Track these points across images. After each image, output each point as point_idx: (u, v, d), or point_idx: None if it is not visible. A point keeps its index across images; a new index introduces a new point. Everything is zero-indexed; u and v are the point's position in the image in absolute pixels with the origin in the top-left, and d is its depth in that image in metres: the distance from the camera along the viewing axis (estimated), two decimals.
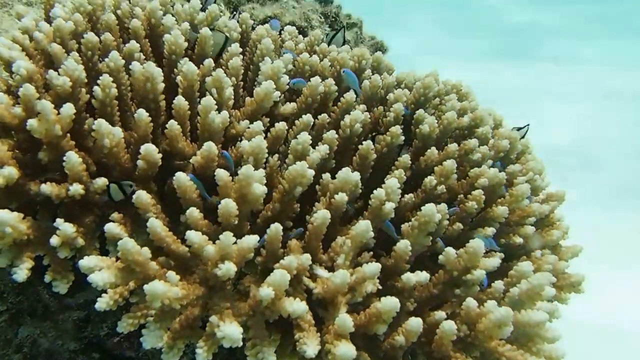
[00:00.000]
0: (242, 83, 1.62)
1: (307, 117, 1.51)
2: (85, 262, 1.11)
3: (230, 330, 1.04)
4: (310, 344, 1.11)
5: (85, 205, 1.28)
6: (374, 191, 1.32)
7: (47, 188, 1.21)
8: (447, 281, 1.35)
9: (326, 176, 1.40)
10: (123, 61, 1.40)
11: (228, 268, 1.06)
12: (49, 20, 1.58)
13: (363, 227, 1.24)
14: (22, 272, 1.16)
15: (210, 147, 1.27)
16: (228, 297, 1.15)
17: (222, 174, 1.21)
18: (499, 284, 1.38)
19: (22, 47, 1.46)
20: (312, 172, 1.26)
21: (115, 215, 1.26)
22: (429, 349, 1.31)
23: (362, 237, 1.25)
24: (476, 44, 12.27)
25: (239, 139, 1.43)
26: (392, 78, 1.90)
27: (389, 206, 1.32)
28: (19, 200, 1.25)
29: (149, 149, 1.24)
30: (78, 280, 1.48)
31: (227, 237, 1.07)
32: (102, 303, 1.09)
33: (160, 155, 1.27)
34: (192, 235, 1.10)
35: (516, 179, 1.74)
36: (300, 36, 2.03)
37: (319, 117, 1.60)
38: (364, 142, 1.50)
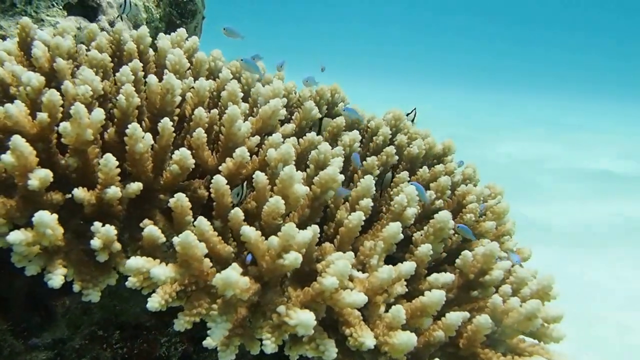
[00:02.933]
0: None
1: (312, 135, 1.54)
2: (133, 262, 1.06)
3: (304, 316, 1.02)
4: (367, 336, 1.10)
5: (107, 215, 1.23)
6: (395, 198, 1.37)
7: (80, 192, 1.15)
8: (463, 285, 1.41)
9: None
10: (133, 76, 1.39)
11: (295, 257, 1.05)
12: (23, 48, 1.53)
13: (394, 228, 1.27)
14: (57, 278, 1.08)
15: (243, 152, 1.27)
16: (281, 293, 1.14)
17: (260, 177, 1.22)
18: (506, 288, 1.45)
19: None
20: (342, 177, 1.29)
21: (147, 220, 1.21)
22: (452, 349, 1.34)
23: (393, 239, 1.28)
24: None
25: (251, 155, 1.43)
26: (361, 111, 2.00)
27: (411, 211, 1.37)
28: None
29: (185, 153, 1.22)
30: (44, 320, 1.40)
31: (290, 227, 1.06)
32: (154, 302, 1.03)
33: (192, 161, 1.25)
34: (247, 231, 1.08)
35: (487, 201, 1.87)
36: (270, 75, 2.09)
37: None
38: (368, 159, 1.56)
